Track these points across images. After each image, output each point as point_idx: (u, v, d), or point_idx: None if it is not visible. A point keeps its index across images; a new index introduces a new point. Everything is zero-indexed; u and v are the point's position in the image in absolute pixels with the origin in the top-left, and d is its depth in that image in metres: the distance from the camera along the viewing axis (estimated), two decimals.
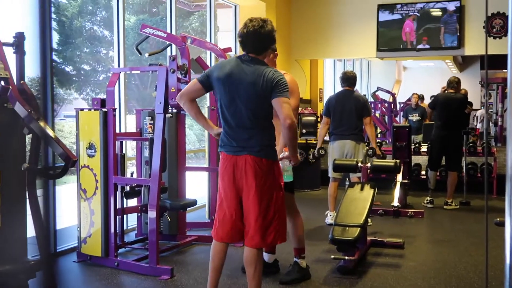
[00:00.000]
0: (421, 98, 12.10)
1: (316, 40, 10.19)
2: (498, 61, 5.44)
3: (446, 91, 7.79)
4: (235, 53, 9.15)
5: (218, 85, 3.52)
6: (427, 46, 9.65)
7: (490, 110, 11.74)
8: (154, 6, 13.58)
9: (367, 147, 6.49)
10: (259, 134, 3.49)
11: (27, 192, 3.75)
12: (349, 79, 6.57)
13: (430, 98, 12.13)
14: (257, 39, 3.49)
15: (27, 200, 3.75)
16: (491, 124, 11.06)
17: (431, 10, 9.59)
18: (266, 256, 4.64)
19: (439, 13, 9.54)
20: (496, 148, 9.03)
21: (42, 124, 3.58)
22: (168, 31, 7.17)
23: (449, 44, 9.48)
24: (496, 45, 8.74)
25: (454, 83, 7.69)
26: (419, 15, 9.60)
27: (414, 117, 11.41)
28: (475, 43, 9.32)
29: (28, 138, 3.82)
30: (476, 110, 13.63)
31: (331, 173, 6.43)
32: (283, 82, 3.42)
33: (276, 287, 4.37)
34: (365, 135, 6.85)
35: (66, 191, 6.82)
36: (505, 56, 1.17)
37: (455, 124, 7.59)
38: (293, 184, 4.43)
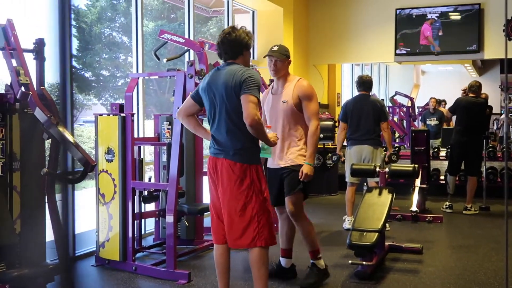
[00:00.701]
0: (439, 102, 12.01)
1: (333, 44, 10.17)
2: None
3: (467, 95, 7.72)
4: (253, 58, 9.17)
5: (202, 95, 3.67)
6: (446, 50, 9.59)
7: (510, 114, 11.61)
8: (172, 12, 13.65)
9: (385, 152, 6.46)
10: (234, 137, 3.51)
11: (46, 196, 3.79)
12: (365, 83, 6.55)
13: (441, 102, 12.04)
14: (228, 45, 3.60)
15: (46, 204, 3.79)
16: (511, 129, 10.93)
17: (450, 13, 9.53)
18: (282, 261, 4.63)
19: (458, 17, 9.48)
20: None
21: (61, 129, 3.62)
22: (186, 36, 7.21)
23: (468, 48, 9.41)
24: None
25: (475, 87, 7.60)
26: (437, 19, 9.54)
27: (432, 122, 11.33)
28: (495, 46, 9.25)
29: (48, 143, 3.86)
30: (496, 114, 13.49)
31: (348, 178, 6.41)
32: (252, 80, 3.44)
33: None
34: (382, 140, 6.81)
35: (85, 196, 6.87)
36: None
37: (476, 129, 7.51)
38: (306, 190, 4.42)
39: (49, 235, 3.83)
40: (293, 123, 4.34)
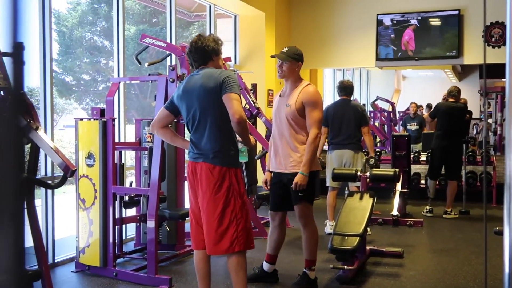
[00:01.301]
0: (419, 107, 12.12)
1: (315, 50, 10.21)
2: (497, 70, 5.44)
3: (447, 100, 7.80)
4: (235, 62, 9.17)
5: (179, 103, 3.67)
6: (426, 55, 9.69)
7: (489, 119, 11.75)
8: (154, 16, 13.61)
9: (366, 157, 6.50)
10: (214, 140, 3.51)
11: (25, 202, 3.74)
12: (346, 88, 6.60)
13: (427, 107, 12.16)
14: (196, 53, 3.63)
15: (25, 210, 3.74)
16: (490, 133, 11.07)
17: (431, 19, 9.62)
18: (266, 266, 4.63)
19: (438, 23, 9.58)
20: (495, 157, 9.03)
21: (41, 134, 3.58)
22: (168, 41, 7.19)
23: (448, 54, 9.52)
24: (495, 54, 8.77)
25: (454, 92, 7.71)
26: (418, 24, 9.63)
27: (413, 126, 11.42)
28: (474, 52, 9.35)
29: (27, 147, 3.82)
30: (476, 119, 13.64)
31: (329, 183, 6.43)
32: (230, 79, 3.46)
33: None
34: (363, 144, 6.85)
35: (65, 201, 6.81)
36: (504, 65, 1.18)
37: (456, 134, 7.59)
38: (312, 196, 4.38)
39: (29, 241, 3.78)
40: (296, 128, 4.27)
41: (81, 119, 5.00)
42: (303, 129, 4.28)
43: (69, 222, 5.42)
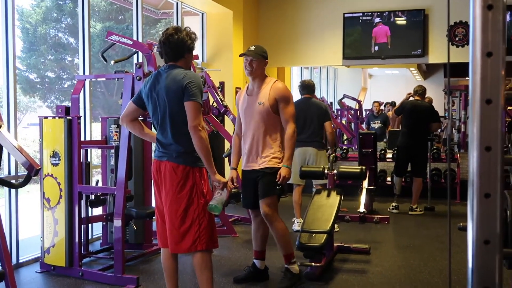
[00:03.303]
0: (381, 104, 12.28)
1: (283, 48, 10.24)
2: (461, 69, 5.55)
3: (412, 98, 7.91)
4: (203, 60, 9.14)
5: (145, 100, 3.64)
6: (392, 54, 9.80)
7: (453, 117, 11.96)
8: (120, 14, 13.47)
9: (329, 153, 6.53)
10: (178, 141, 3.50)
11: None
12: (308, 87, 6.68)
13: (391, 104, 12.31)
14: (169, 47, 3.56)
15: None
16: (454, 131, 11.26)
17: (396, 18, 9.74)
18: (257, 263, 4.64)
19: (404, 22, 9.70)
20: (459, 154, 9.20)
21: (4, 132, 3.51)
22: (135, 38, 7.12)
23: (413, 52, 9.65)
24: (459, 53, 8.93)
25: (420, 91, 7.84)
26: (384, 23, 9.73)
27: (376, 125, 11.56)
28: (439, 51, 9.50)
29: None
30: (441, 117, 13.86)
31: (293, 180, 6.43)
32: (193, 85, 3.43)
33: None
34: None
35: (29, 201, 6.70)
36: (467, 64, 1.20)
37: (421, 132, 7.70)
38: (281, 191, 4.41)
39: None
40: (269, 125, 4.32)
41: (46, 117, 4.93)
42: (276, 126, 4.34)
43: (33, 221, 5.33)
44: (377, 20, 9.75)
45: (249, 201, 4.53)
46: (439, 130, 13.09)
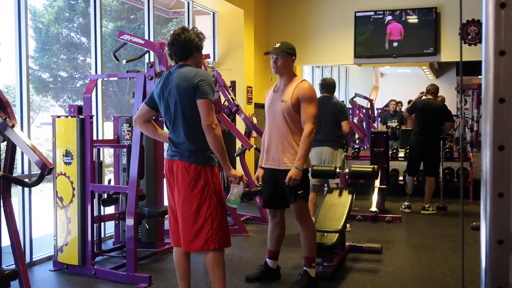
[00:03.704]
0: (398, 103, 12.22)
1: (294, 47, 10.22)
2: (474, 68, 5.53)
3: (425, 97, 7.87)
4: (214, 60, 9.15)
5: (157, 100, 3.65)
6: (404, 53, 9.76)
7: (466, 116, 11.88)
8: (132, 13, 13.52)
9: (345, 153, 6.52)
10: (190, 140, 3.50)
11: (2, 200, 3.70)
12: (328, 86, 6.61)
13: (408, 103, 12.27)
14: (177, 47, 3.58)
15: (2, 208, 3.70)
16: (467, 130, 11.19)
17: (408, 17, 9.70)
18: (269, 262, 4.63)
19: (416, 20, 9.65)
20: (472, 153, 9.14)
21: (17, 131, 3.54)
22: (146, 37, 7.15)
23: (425, 51, 9.60)
24: (471, 51, 8.86)
25: (433, 90, 7.80)
26: (395, 22, 9.69)
27: (393, 123, 11.51)
28: (451, 49, 9.44)
29: (3, 145, 3.77)
30: (454, 116, 13.78)
31: (311, 180, 6.43)
32: (205, 83, 3.43)
33: None
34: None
35: (42, 199, 6.74)
36: (480, 62, 1.19)
37: (433, 130, 7.66)
38: (307, 193, 4.38)
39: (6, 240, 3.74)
40: (291, 125, 4.24)
41: (58, 117, 4.95)
42: (297, 125, 4.25)
43: (46, 220, 5.36)
44: (389, 18, 9.71)
45: (267, 201, 4.52)
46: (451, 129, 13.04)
